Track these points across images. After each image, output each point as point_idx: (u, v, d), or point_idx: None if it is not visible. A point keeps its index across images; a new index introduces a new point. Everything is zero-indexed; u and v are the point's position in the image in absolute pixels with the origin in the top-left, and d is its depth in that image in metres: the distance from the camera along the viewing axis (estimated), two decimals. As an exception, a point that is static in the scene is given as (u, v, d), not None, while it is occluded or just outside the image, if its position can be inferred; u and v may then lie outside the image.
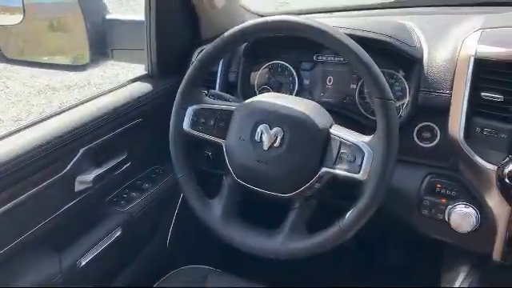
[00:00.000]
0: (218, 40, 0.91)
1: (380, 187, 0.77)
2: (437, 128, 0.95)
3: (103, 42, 1.30)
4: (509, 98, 0.83)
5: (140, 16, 1.19)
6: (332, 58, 1.10)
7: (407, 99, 0.99)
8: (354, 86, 1.07)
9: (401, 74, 1.01)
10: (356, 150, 0.80)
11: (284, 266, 1.54)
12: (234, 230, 0.90)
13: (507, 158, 0.84)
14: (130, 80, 1.19)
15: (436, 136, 0.95)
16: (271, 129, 0.84)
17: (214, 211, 0.92)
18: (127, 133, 1.11)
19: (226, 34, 0.89)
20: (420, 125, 0.97)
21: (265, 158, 0.85)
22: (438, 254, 1.03)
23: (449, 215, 0.91)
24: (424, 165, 0.97)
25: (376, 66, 0.79)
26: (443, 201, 0.93)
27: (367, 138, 0.81)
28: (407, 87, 0.99)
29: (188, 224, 1.32)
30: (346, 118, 1.05)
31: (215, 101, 0.97)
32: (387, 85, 0.79)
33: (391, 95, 0.79)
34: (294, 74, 1.14)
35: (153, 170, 1.24)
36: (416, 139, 0.97)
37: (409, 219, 0.97)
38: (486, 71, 0.85)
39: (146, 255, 1.21)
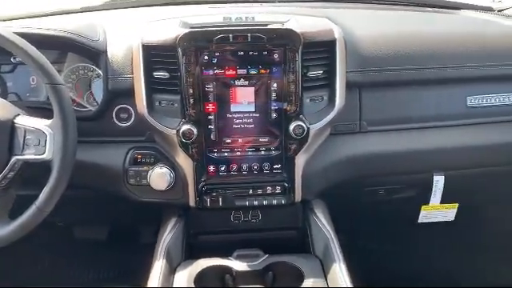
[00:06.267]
0: None
1: (65, 162, 0.87)
2: (131, 108, 1.10)
3: None
4: (173, 74, 1.03)
5: None
6: None
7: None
8: None
9: (95, 66, 1.13)
10: (40, 134, 0.87)
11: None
12: None
13: (181, 122, 1.04)
14: None
15: (132, 115, 1.10)
16: None
17: None
18: None
19: None
20: (117, 107, 1.10)
21: None
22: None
23: (149, 178, 1.07)
24: (126, 142, 1.11)
25: (41, 54, 0.88)
26: (144, 168, 1.09)
27: (49, 122, 0.89)
28: (101, 76, 1.11)
29: None
30: None
31: None
32: (55, 70, 0.89)
33: (60, 79, 0.89)
34: None
35: None
36: (115, 120, 1.10)
37: (119, 190, 1.10)
38: (153, 55, 1.03)
39: None
